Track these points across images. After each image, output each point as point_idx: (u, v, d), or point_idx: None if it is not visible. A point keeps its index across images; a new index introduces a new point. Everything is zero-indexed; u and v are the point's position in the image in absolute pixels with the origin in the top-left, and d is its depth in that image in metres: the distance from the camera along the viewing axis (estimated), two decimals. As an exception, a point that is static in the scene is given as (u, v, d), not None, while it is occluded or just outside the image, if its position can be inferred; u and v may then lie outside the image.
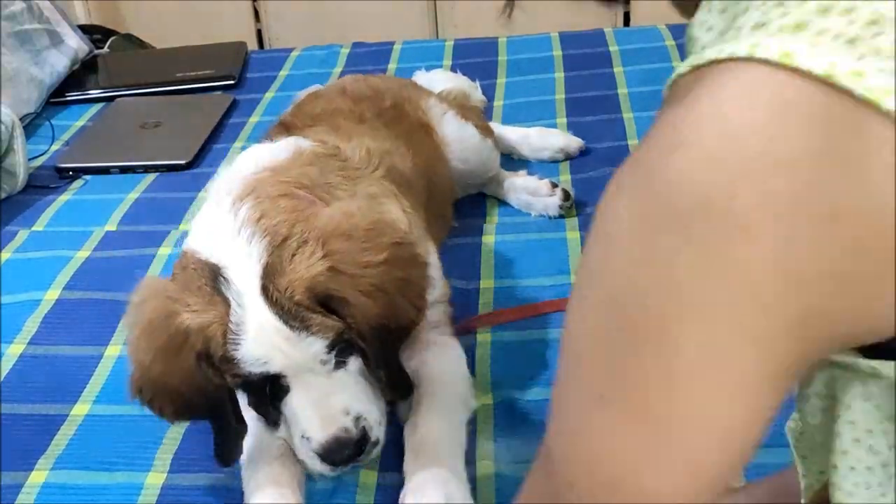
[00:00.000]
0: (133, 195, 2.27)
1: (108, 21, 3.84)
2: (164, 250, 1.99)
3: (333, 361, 1.30)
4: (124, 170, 2.41)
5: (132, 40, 3.52)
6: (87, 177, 2.39)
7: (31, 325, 1.78)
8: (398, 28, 3.75)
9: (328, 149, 1.56)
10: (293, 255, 1.26)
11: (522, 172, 2.14)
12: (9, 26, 2.78)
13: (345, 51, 3.09)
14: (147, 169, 2.40)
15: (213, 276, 1.26)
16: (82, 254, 2.00)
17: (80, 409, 1.57)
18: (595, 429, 0.67)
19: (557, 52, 2.90)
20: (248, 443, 1.41)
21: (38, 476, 1.44)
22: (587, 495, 0.68)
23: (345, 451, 1.30)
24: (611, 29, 3.09)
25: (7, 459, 1.47)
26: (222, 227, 1.30)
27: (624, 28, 3.65)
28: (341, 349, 1.30)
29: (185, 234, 2.03)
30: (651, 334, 0.62)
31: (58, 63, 2.90)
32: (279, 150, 1.50)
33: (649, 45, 2.87)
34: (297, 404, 1.30)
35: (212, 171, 2.38)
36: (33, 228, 2.16)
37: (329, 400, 1.30)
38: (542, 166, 2.24)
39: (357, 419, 1.31)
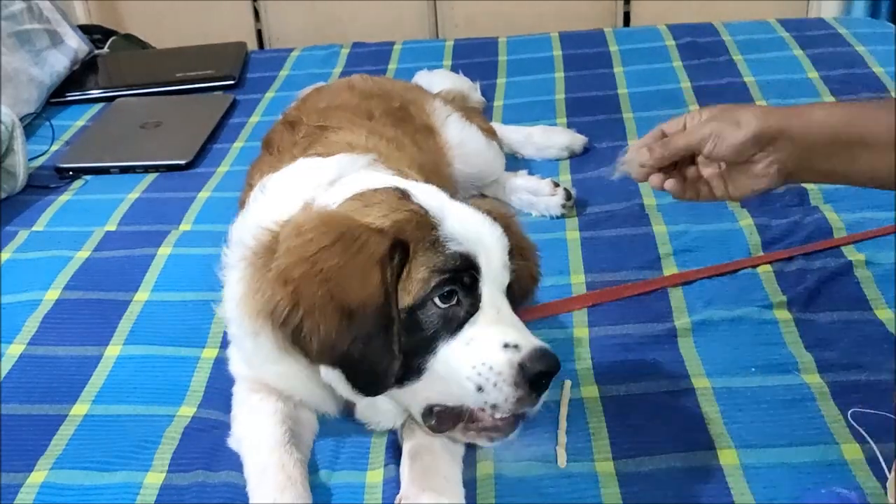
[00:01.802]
0: (133, 195, 2.27)
1: (108, 21, 3.84)
2: (164, 250, 1.99)
3: (509, 275, 1.32)
4: (124, 170, 2.41)
5: (132, 40, 3.52)
6: (87, 177, 2.39)
7: (31, 325, 1.78)
8: (398, 28, 3.76)
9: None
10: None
11: (523, 172, 2.14)
12: (9, 26, 2.78)
13: (345, 51, 3.09)
14: (147, 169, 2.41)
15: (400, 192, 1.30)
16: (82, 254, 2.00)
17: (80, 409, 1.57)
18: None
19: (557, 52, 2.90)
20: (249, 432, 1.42)
21: (38, 476, 1.43)
22: None
23: (551, 361, 1.25)
24: (611, 29, 3.09)
25: (7, 459, 1.47)
26: (381, 176, 1.38)
27: (624, 28, 3.66)
28: None
29: (185, 234, 2.05)
30: None
31: (58, 63, 2.90)
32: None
33: (649, 45, 2.87)
34: (489, 318, 1.26)
35: (212, 171, 2.41)
36: (33, 228, 2.16)
37: (518, 320, 1.30)
38: (542, 167, 2.24)
39: None
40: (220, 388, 1.55)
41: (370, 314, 1.23)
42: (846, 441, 1.37)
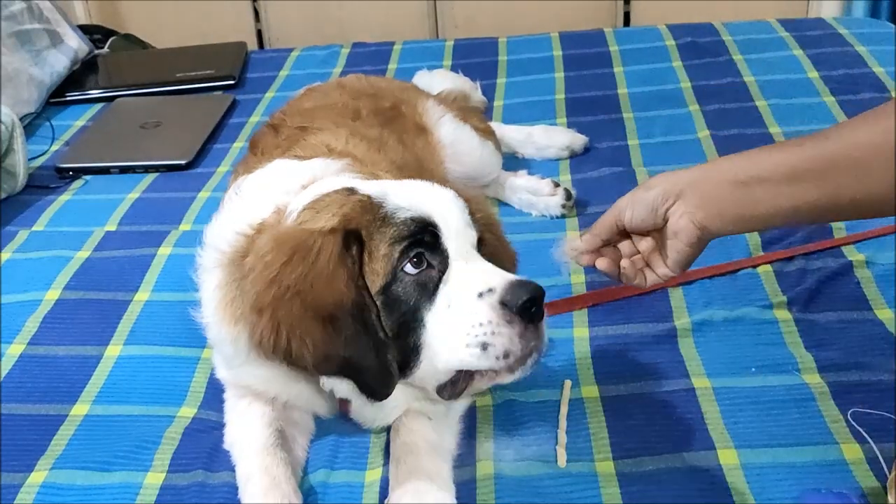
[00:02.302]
0: (133, 195, 2.27)
1: (108, 21, 3.85)
2: (164, 250, 1.99)
3: (476, 232, 1.33)
4: (124, 170, 2.41)
5: (132, 40, 3.52)
6: (87, 177, 2.39)
7: (31, 325, 1.78)
8: (398, 28, 3.76)
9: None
10: None
11: (522, 172, 2.14)
12: (9, 26, 2.78)
13: (345, 51, 3.09)
14: (147, 169, 2.41)
15: (347, 189, 1.31)
16: (82, 254, 2.00)
17: (80, 410, 1.57)
18: None
19: (557, 52, 2.90)
20: (237, 438, 1.43)
21: (38, 476, 1.43)
22: None
23: (530, 288, 1.24)
24: (611, 29, 3.09)
25: (7, 459, 1.47)
26: (338, 180, 1.38)
27: (624, 28, 3.66)
28: None
29: (185, 234, 2.05)
30: None
31: (58, 63, 2.90)
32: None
33: (649, 45, 2.87)
34: (459, 270, 1.27)
35: (212, 171, 2.41)
36: (33, 228, 2.16)
37: (488, 265, 1.30)
38: (542, 167, 2.24)
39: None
40: (221, 389, 1.55)
41: (348, 311, 1.23)
42: (846, 441, 1.37)
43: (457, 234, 1.29)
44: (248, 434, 1.42)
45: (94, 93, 2.90)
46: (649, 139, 2.33)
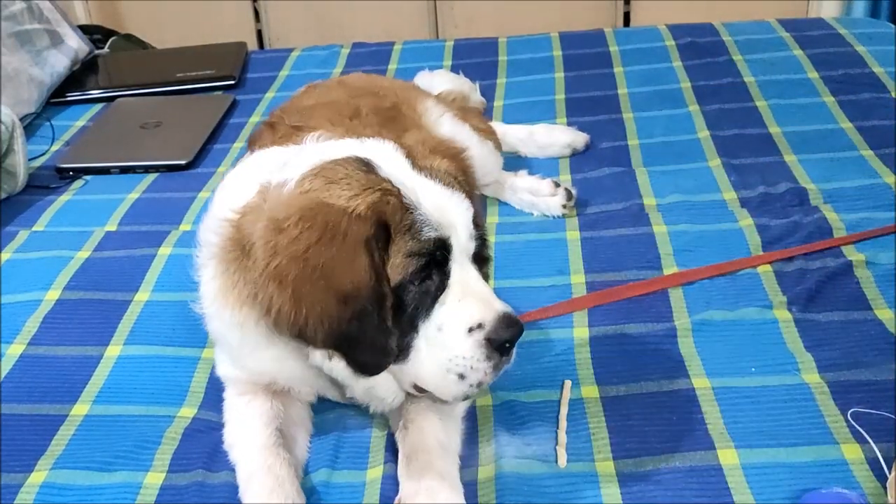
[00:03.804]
0: (133, 195, 2.27)
1: (108, 21, 3.85)
2: (165, 250, 1.99)
3: (474, 243, 1.35)
4: (124, 170, 2.41)
5: (132, 40, 3.53)
6: (88, 177, 2.39)
7: (32, 325, 1.78)
8: (398, 28, 3.76)
9: None
10: (415, 152, 1.38)
11: (523, 173, 2.14)
12: (9, 26, 2.78)
13: (345, 51, 3.09)
14: (147, 169, 2.41)
15: (363, 162, 1.30)
16: (82, 254, 2.00)
17: (80, 409, 1.57)
18: None
19: (557, 52, 2.90)
20: (238, 437, 1.43)
21: (38, 476, 1.43)
22: None
23: (514, 325, 1.30)
24: (611, 29, 3.09)
25: (7, 459, 1.47)
26: (339, 145, 1.37)
27: (624, 28, 3.66)
28: None
29: (185, 234, 2.05)
30: None
31: (58, 63, 2.90)
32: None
33: (649, 45, 2.87)
34: (456, 295, 1.30)
35: (212, 171, 2.41)
36: (33, 228, 2.16)
37: (482, 285, 1.34)
38: (542, 167, 2.24)
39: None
40: (221, 389, 1.55)
41: (364, 294, 1.25)
42: (846, 441, 1.37)
43: (462, 252, 1.32)
44: (248, 433, 1.42)
45: (95, 93, 2.90)
46: (649, 139, 2.33)
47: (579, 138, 2.31)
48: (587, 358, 1.60)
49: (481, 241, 1.40)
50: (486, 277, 1.42)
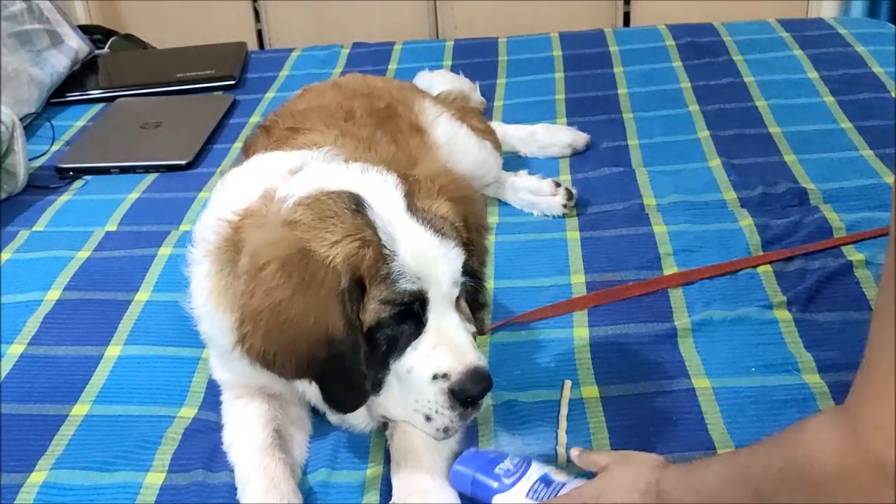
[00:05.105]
0: (133, 195, 2.27)
1: (108, 21, 3.84)
2: (165, 250, 1.99)
3: (458, 289, 1.33)
4: (124, 170, 2.41)
5: (132, 40, 3.53)
6: (88, 177, 2.39)
7: (32, 325, 1.78)
8: (398, 28, 3.75)
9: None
10: (419, 189, 1.34)
11: (523, 172, 2.14)
12: (9, 26, 2.78)
13: (345, 51, 3.09)
14: (147, 169, 2.41)
15: (354, 201, 1.28)
16: (82, 254, 2.00)
17: (80, 409, 1.58)
18: None
19: (557, 52, 2.90)
20: (235, 439, 1.43)
21: (38, 476, 1.44)
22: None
23: (481, 380, 1.30)
24: (611, 29, 3.09)
25: (7, 459, 1.47)
26: (345, 170, 1.36)
27: (624, 28, 3.66)
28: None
29: (185, 235, 2.05)
30: None
31: (58, 63, 2.90)
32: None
33: (649, 45, 2.87)
34: (429, 343, 1.30)
35: (212, 171, 2.41)
36: (33, 228, 2.16)
37: (460, 334, 1.32)
38: (543, 167, 2.24)
39: (480, 354, 1.33)
40: (220, 390, 1.55)
41: (336, 341, 1.25)
42: (846, 441, 1.37)
43: (441, 300, 1.31)
44: (245, 435, 1.42)
45: (95, 93, 2.90)
46: (649, 139, 2.33)
47: (580, 138, 2.31)
48: (587, 358, 1.60)
49: (476, 288, 1.40)
50: (480, 323, 1.44)
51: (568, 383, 1.53)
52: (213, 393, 1.57)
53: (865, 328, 1.59)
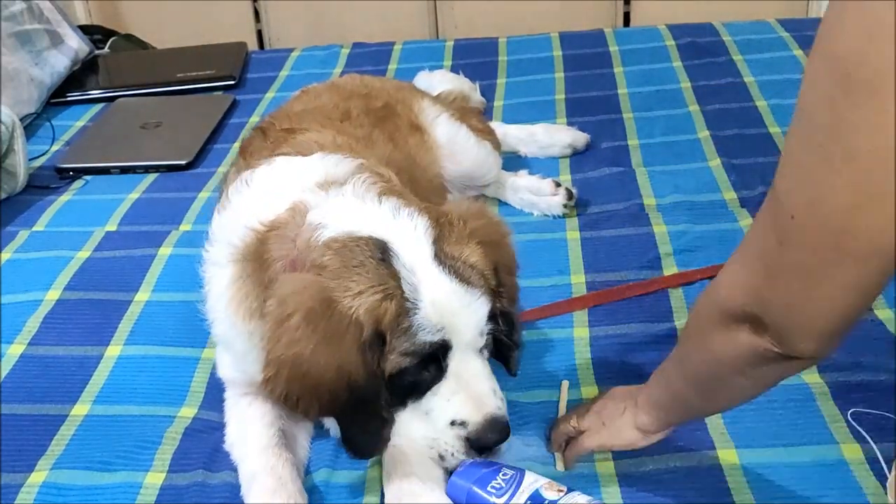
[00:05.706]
0: (133, 195, 2.27)
1: (109, 21, 3.84)
2: (165, 250, 1.99)
3: (485, 338, 1.33)
4: (124, 170, 2.41)
5: (132, 40, 3.52)
6: (88, 177, 2.39)
7: (32, 325, 1.78)
8: (398, 28, 3.75)
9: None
10: (450, 232, 1.33)
11: (523, 172, 2.14)
12: (9, 26, 2.78)
13: (345, 51, 3.09)
14: (147, 169, 2.41)
15: (380, 249, 1.27)
16: (82, 254, 2.00)
17: (80, 410, 1.58)
18: (815, 170, 0.81)
19: (557, 52, 2.90)
20: (239, 437, 1.43)
21: (38, 476, 1.44)
22: (806, 227, 0.84)
23: (499, 431, 1.31)
24: (611, 29, 3.09)
25: (7, 459, 1.47)
26: (374, 211, 1.33)
27: (624, 28, 3.66)
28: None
29: (185, 235, 2.05)
30: (864, 88, 0.74)
31: (58, 63, 2.90)
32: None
33: (649, 45, 2.87)
34: (449, 389, 1.31)
35: (212, 171, 2.41)
36: (33, 228, 2.16)
37: (482, 381, 1.32)
38: (543, 167, 2.24)
39: (503, 401, 1.33)
40: (221, 389, 1.55)
41: (357, 390, 1.26)
42: (846, 441, 1.37)
43: (464, 349, 1.31)
44: (250, 433, 1.42)
45: (95, 93, 2.90)
46: (649, 139, 2.33)
47: (580, 138, 2.31)
48: (587, 358, 1.60)
49: (509, 329, 1.40)
50: (513, 364, 1.44)
51: (565, 384, 1.53)
52: (213, 393, 1.57)
53: (865, 327, 1.60)
